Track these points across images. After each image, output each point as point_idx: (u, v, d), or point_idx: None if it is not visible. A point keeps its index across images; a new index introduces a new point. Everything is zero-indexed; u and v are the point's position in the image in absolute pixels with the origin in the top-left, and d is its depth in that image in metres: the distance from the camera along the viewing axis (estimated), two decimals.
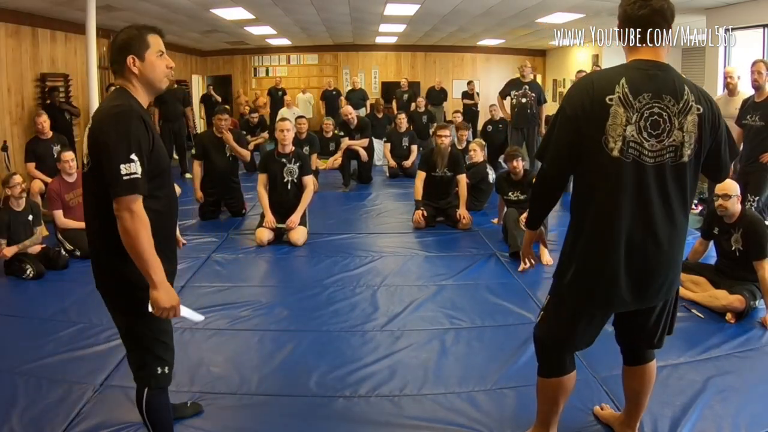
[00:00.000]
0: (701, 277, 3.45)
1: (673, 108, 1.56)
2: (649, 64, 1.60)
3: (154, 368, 1.77)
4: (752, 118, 4.21)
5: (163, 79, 1.77)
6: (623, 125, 1.54)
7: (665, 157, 1.57)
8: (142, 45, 1.71)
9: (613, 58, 9.91)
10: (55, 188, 4.36)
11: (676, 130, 1.57)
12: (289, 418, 2.25)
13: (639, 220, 1.59)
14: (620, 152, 1.55)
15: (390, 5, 7.67)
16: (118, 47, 1.72)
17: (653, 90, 1.56)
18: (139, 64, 1.70)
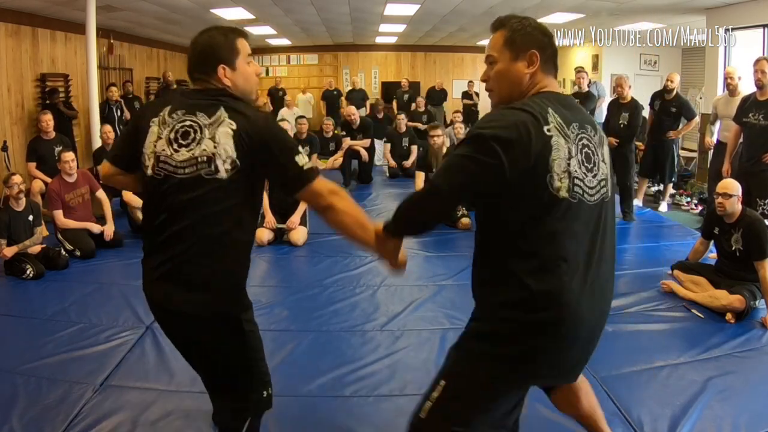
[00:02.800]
0: (701, 277, 3.45)
1: (594, 139, 1.38)
2: (559, 95, 1.42)
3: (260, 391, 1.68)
4: (755, 116, 4.14)
5: (255, 88, 1.62)
6: (567, 159, 1.29)
7: (601, 193, 1.36)
8: (232, 52, 1.53)
9: (613, 58, 9.93)
10: (55, 188, 4.36)
11: (601, 162, 1.38)
12: (289, 418, 2.25)
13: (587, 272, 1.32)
14: (567, 191, 1.28)
15: (390, 5, 7.66)
16: (205, 55, 1.53)
17: (578, 120, 1.36)
18: (230, 75, 1.52)
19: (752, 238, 3.15)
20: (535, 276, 1.28)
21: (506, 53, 1.41)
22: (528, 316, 1.30)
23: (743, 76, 4.90)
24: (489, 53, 1.45)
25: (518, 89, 1.40)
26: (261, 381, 1.70)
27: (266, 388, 1.71)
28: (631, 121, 5.28)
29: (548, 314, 1.29)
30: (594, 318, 1.37)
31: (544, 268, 1.29)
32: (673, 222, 5.46)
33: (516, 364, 1.35)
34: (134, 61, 9.47)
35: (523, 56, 1.39)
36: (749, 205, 3.63)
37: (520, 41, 1.40)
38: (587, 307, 1.33)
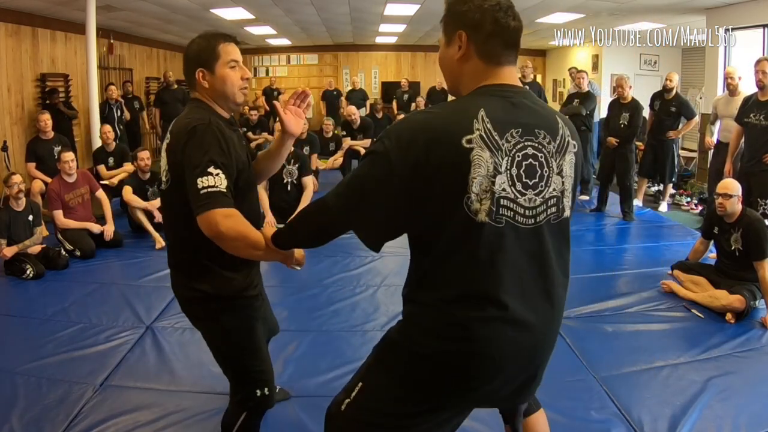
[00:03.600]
0: (701, 277, 3.46)
1: (549, 147, 1.16)
2: (510, 90, 1.17)
3: (253, 389, 1.68)
4: (756, 117, 4.14)
5: (237, 92, 1.60)
6: (491, 176, 1.09)
7: (547, 214, 1.16)
8: (211, 56, 1.56)
9: (613, 58, 9.93)
10: (55, 188, 4.36)
11: (555, 175, 1.17)
12: (289, 418, 2.25)
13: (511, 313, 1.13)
14: (488, 215, 1.09)
15: (390, 5, 7.66)
16: (188, 60, 1.59)
17: (523, 124, 1.14)
18: (209, 78, 1.57)
19: (752, 238, 3.15)
20: (450, 307, 1.13)
21: (442, 37, 1.23)
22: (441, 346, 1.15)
23: (743, 76, 4.90)
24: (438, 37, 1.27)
25: (457, 79, 1.21)
26: (251, 379, 1.69)
27: (260, 386, 1.70)
28: (631, 121, 5.29)
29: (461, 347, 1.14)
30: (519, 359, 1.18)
31: (461, 300, 1.13)
32: (673, 222, 5.46)
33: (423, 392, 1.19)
34: (134, 61, 9.47)
35: (453, 39, 1.19)
36: (750, 206, 3.64)
37: (451, 22, 1.20)
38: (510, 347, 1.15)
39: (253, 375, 1.70)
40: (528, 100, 1.19)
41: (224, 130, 1.52)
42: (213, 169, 1.43)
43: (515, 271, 1.13)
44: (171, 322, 3.12)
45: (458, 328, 1.13)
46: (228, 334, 1.65)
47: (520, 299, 1.14)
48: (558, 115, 1.22)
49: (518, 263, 1.14)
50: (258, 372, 1.71)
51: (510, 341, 1.15)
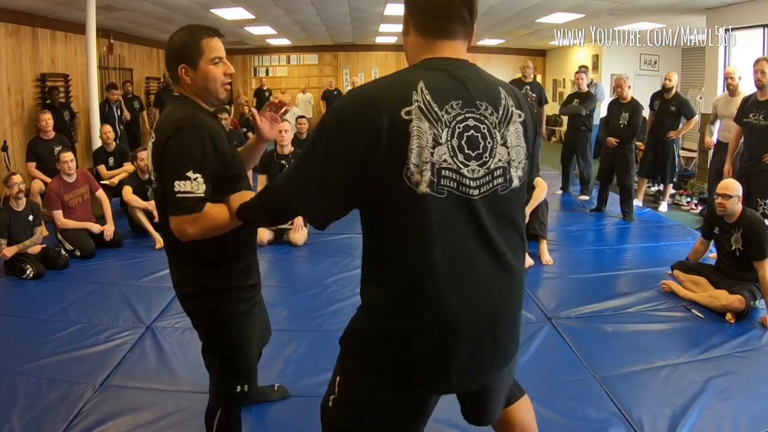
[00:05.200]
0: (701, 277, 3.45)
1: (491, 118, 1.16)
2: (451, 63, 1.18)
3: (233, 384, 1.69)
4: (755, 116, 4.14)
5: (219, 88, 1.59)
6: (429, 147, 1.10)
7: (493, 185, 1.16)
8: (195, 52, 1.54)
9: (613, 57, 9.93)
10: (55, 188, 4.36)
11: (499, 146, 1.17)
12: (289, 418, 2.25)
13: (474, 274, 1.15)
14: (430, 186, 1.10)
15: (390, 5, 7.66)
16: (170, 54, 1.58)
17: (464, 97, 1.14)
18: (192, 74, 1.55)
19: (752, 238, 3.15)
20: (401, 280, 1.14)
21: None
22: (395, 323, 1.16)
23: (743, 76, 4.89)
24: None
25: (408, 54, 1.26)
26: (234, 374, 1.69)
27: (241, 383, 1.70)
28: (631, 121, 5.29)
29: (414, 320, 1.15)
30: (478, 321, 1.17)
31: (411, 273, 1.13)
32: (673, 222, 5.46)
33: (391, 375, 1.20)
34: (134, 61, 9.47)
35: (405, 24, 1.24)
36: (750, 206, 3.64)
37: (405, 9, 1.24)
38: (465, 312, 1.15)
39: (239, 370, 1.70)
40: (469, 73, 1.19)
41: (211, 125, 1.52)
42: (192, 174, 1.43)
43: (462, 240, 1.14)
44: (171, 322, 3.12)
45: (412, 300, 1.14)
46: (222, 326, 1.66)
47: (470, 266, 1.15)
48: (502, 86, 1.22)
49: (464, 232, 1.14)
50: (244, 368, 1.71)
51: (463, 306, 1.14)
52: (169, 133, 1.47)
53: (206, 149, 1.47)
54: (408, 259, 1.13)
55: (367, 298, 1.24)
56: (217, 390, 1.72)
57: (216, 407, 1.73)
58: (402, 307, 1.15)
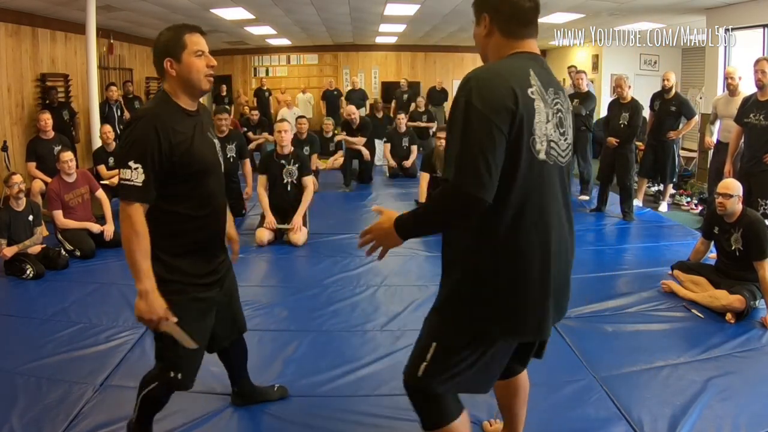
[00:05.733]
0: (701, 277, 3.46)
1: (565, 105, 1.46)
2: (537, 57, 1.42)
3: (167, 369, 1.79)
4: (756, 117, 4.14)
5: (202, 79, 1.71)
6: (545, 122, 1.35)
7: (569, 156, 1.46)
8: (178, 46, 1.68)
9: (613, 57, 9.93)
10: (55, 188, 4.36)
11: (569, 128, 1.47)
12: (289, 417, 2.25)
13: (561, 230, 1.42)
14: (546, 154, 1.35)
15: (390, 5, 7.66)
16: (157, 51, 1.70)
17: (554, 84, 1.42)
18: (177, 67, 1.68)
19: (752, 237, 3.15)
20: (517, 234, 1.34)
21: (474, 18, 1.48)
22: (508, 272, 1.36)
23: (743, 76, 4.89)
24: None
25: (485, 51, 1.46)
26: (168, 359, 1.79)
27: (174, 370, 1.79)
28: (631, 121, 5.29)
29: (527, 269, 1.36)
30: (562, 271, 1.44)
31: (525, 227, 1.34)
32: (673, 222, 5.46)
33: (498, 322, 1.40)
34: (134, 61, 9.47)
35: (480, 20, 1.45)
36: (750, 206, 3.63)
37: (476, 6, 1.46)
38: (558, 262, 1.41)
39: (171, 357, 1.78)
40: (548, 67, 1.45)
41: (165, 121, 1.63)
42: (133, 163, 1.59)
43: (556, 198, 1.40)
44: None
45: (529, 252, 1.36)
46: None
47: (557, 221, 1.40)
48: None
49: (557, 192, 1.41)
50: (176, 357, 1.77)
51: (558, 258, 1.40)
52: (126, 125, 1.67)
53: (151, 142, 1.60)
54: (529, 217, 1.34)
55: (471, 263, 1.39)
56: (156, 366, 1.83)
57: (151, 380, 1.85)
58: (516, 260, 1.36)
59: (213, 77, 1.75)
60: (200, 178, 1.73)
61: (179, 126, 1.67)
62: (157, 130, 1.60)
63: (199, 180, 1.73)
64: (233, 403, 2.29)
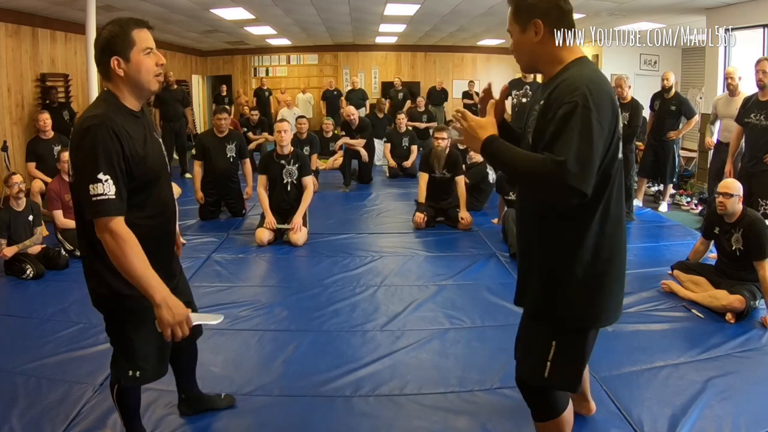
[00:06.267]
0: (701, 277, 3.45)
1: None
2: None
3: (126, 369, 1.76)
4: (757, 117, 4.13)
5: (152, 79, 1.60)
6: (619, 125, 1.47)
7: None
8: (126, 43, 1.54)
9: (613, 57, 9.92)
10: (55, 188, 4.36)
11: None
12: (289, 418, 2.25)
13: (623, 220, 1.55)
14: (621, 153, 1.49)
15: (390, 5, 7.66)
16: (100, 47, 1.56)
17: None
18: (125, 66, 1.55)
19: (752, 237, 3.15)
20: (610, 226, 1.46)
21: (515, 26, 1.50)
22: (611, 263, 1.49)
23: (743, 76, 4.89)
24: (507, 28, 1.54)
25: (534, 58, 1.51)
26: (125, 356, 1.75)
27: (133, 368, 1.74)
28: (631, 121, 5.29)
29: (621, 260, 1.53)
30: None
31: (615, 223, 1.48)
32: (673, 222, 5.46)
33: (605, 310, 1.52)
34: None
35: (530, 27, 1.47)
36: (751, 206, 3.63)
37: (524, 13, 1.47)
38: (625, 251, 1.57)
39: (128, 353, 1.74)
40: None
41: (120, 125, 1.51)
42: (102, 176, 1.47)
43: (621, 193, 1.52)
44: None
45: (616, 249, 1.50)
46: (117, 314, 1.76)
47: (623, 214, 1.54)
48: None
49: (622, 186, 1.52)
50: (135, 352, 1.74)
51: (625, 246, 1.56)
52: (81, 134, 1.49)
53: (115, 149, 1.49)
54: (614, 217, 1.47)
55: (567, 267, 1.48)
56: (113, 369, 1.80)
57: (113, 383, 1.84)
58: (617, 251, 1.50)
59: (161, 77, 1.64)
60: (154, 185, 1.65)
61: (131, 130, 1.56)
62: (117, 135, 1.49)
63: (153, 186, 1.64)
64: (181, 412, 2.23)
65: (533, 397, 1.66)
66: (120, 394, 1.86)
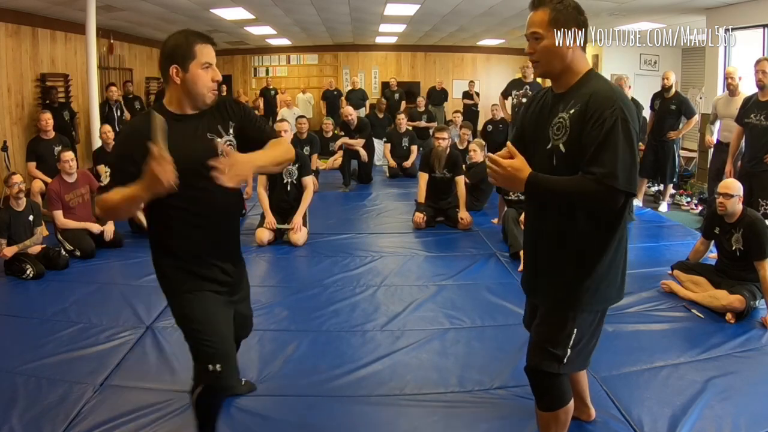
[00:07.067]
0: (701, 277, 3.45)
1: None
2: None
3: (206, 364, 1.71)
4: (757, 117, 4.13)
5: (206, 93, 1.68)
6: None
7: None
8: (187, 55, 1.63)
9: (613, 57, 9.92)
10: (55, 188, 4.36)
11: None
12: (289, 418, 2.25)
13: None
14: None
15: (390, 5, 7.66)
16: (164, 53, 1.66)
17: None
18: (182, 75, 1.64)
19: (753, 237, 3.15)
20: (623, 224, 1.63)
21: (551, 31, 1.57)
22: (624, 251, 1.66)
23: (743, 76, 4.89)
24: (534, 30, 1.59)
25: (562, 63, 1.59)
26: (201, 352, 1.73)
27: (211, 362, 1.71)
28: None
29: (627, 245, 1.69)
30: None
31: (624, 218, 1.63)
32: (673, 222, 5.46)
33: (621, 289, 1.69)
34: (134, 61, 9.47)
35: (568, 35, 1.56)
36: (751, 206, 3.63)
37: (563, 20, 1.56)
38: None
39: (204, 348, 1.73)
40: None
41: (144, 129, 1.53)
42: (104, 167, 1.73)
43: None
44: (171, 322, 3.09)
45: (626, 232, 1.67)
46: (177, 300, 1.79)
47: None
48: None
49: None
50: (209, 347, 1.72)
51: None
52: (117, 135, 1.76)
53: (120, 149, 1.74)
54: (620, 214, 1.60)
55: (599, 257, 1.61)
56: (194, 370, 1.77)
57: (195, 386, 1.78)
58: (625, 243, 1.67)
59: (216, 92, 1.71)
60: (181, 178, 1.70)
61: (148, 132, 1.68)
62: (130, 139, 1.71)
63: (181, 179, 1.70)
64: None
65: (546, 385, 1.72)
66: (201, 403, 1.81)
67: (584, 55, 1.63)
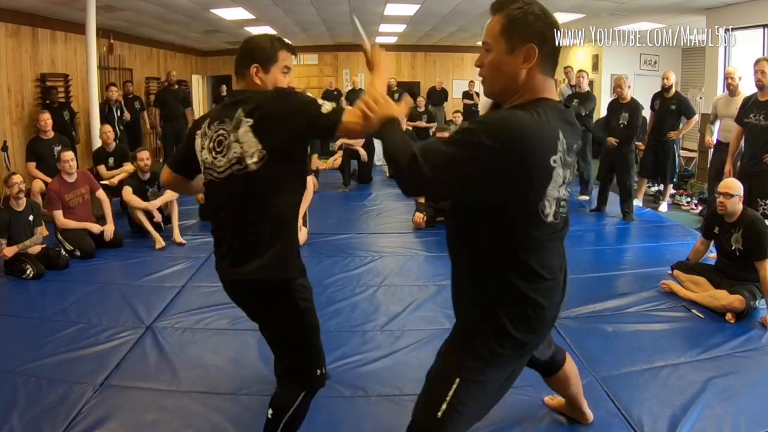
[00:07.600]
0: (701, 277, 3.45)
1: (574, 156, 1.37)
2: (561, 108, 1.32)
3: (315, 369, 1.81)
4: (756, 117, 4.13)
5: None
6: (559, 186, 1.28)
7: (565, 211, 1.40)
8: (271, 57, 1.71)
9: (613, 57, 9.93)
10: (55, 188, 4.36)
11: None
12: None
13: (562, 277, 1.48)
14: (554, 216, 1.31)
15: (390, 5, 7.66)
16: (246, 51, 1.73)
17: (574, 140, 1.33)
18: (262, 76, 1.70)
19: (752, 237, 3.15)
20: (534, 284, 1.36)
21: (501, 43, 1.28)
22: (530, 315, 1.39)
23: (743, 76, 4.89)
24: (485, 39, 1.32)
25: (512, 85, 1.30)
26: (315, 358, 1.80)
27: (320, 366, 1.81)
28: (630, 121, 5.28)
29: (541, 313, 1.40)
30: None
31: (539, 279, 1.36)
32: (673, 222, 5.46)
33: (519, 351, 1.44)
34: (134, 61, 9.46)
35: (520, 49, 1.27)
36: (751, 206, 3.63)
37: (519, 32, 1.27)
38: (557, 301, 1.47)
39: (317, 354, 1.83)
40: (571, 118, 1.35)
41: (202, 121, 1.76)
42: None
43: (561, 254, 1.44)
44: (171, 322, 3.12)
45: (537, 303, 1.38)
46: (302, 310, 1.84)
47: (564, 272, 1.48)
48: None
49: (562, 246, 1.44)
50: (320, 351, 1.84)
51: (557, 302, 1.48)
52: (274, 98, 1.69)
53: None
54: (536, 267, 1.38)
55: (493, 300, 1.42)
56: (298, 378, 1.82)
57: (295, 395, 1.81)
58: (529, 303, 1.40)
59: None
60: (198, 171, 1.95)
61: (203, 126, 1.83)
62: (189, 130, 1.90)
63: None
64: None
65: None
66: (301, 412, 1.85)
67: (547, 81, 1.31)
